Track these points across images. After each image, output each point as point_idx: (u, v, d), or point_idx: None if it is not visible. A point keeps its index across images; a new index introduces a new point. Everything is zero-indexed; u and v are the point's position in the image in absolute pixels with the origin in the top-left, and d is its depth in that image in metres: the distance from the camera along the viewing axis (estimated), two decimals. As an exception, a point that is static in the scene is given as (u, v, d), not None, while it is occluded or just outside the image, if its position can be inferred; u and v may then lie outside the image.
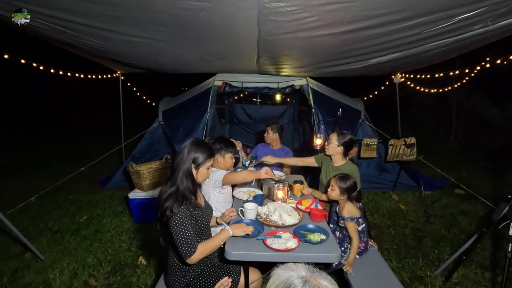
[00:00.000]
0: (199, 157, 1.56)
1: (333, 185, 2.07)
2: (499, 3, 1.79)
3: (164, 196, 1.49)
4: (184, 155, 1.54)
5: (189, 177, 1.53)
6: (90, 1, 1.82)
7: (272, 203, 2.06)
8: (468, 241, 2.18)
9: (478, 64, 3.90)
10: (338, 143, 2.36)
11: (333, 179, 2.10)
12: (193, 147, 1.56)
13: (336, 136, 2.38)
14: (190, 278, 1.58)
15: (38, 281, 2.37)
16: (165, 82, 12.36)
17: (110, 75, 4.56)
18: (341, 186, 2.03)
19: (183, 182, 1.51)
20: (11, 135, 8.54)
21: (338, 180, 2.06)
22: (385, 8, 1.82)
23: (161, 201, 1.49)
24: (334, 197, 2.08)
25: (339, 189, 2.04)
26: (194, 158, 1.55)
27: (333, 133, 2.43)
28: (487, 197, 3.47)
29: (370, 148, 3.81)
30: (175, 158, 1.57)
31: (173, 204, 1.44)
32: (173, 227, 1.42)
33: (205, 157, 1.57)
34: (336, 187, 2.05)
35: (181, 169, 1.52)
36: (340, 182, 2.04)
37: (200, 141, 1.63)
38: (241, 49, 2.82)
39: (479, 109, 6.60)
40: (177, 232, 1.42)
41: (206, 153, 1.58)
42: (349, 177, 2.07)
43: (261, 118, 6.23)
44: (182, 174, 1.51)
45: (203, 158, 1.57)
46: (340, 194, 2.04)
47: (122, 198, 3.92)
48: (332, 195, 2.08)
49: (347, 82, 5.35)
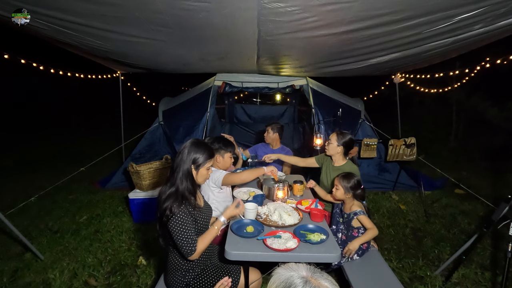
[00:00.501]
0: (199, 158, 1.55)
1: (337, 185, 2.07)
2: (499, 3, 1.79)
3: (163, 197, 1.48)
4: (184, 156, 1.53)
5: (188, 178, 1.52)
6: (90, 2, 1.82)
7: (272, 203, 2.06)
8: (468, 241, 2.18)
9: (478, 64, 3.90)
10: (337, 143, 2.37)
11: (337, 178, 2.09)
12: (193, 148, 1.55)
13: (335, 136, 2.38)
14: (190, 278, 1.58)
15: (38, 281, 2.37)
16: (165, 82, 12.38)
17: (110, 75, 4.56)
18: (345, 185, 2.03)
19: (182, 182, 1.50)
20: (11, 135, 8.54)
21: (342, 179, 2.05)
22: (385, 8, 1.82)
23: (160, 201, 1.49)
24: (339, 196, 2.07)
25: (344, 188, 2.03)
26: (194, 159, 1.54)
27: (333, 133, 2.43)
28: (487, 197, 3.47)
29: (370, 148, 3.81)
30: (175, 159, 1.56)
31: (172, 204, 1.43)
32: (173, 227, 1.42)
33: (205, 157, 1.57)
34: (340, 186, 2.05)
35: (180, 170, 1.51)
36: (344, 181, 2.04)
37: (200, 142, 1.62)
38: (241, 49, 2.82)
39: (479, 109, 6.59)
40: (177, 231, 1.42)
41: (206, 153, 1.57)
42: (352, 175, 2.07)
43: (261, 118, 6.23)
44: (182, 174, 1.51)
45: (203, 158, 1.56)
46: (345, 193, 2.04)
47: (122, 198, 3.92)
48: (337, 194, 2.08)
49: (347, 82, 5.35)
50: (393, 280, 1.81)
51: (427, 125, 8.02)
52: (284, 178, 2.49)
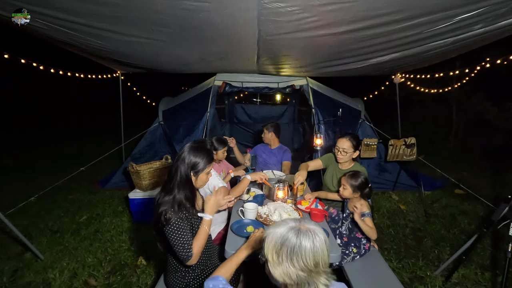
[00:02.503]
0: (198, 163, 1.49)
1: (345, 184, 2.05)
2: (499, 3, 1.79)
3: (159, 202, 1.44)
4: (182, 161, 1.48)
5: (187, 185, 1.48)
6: (90, 2, 1.82)
7: (272, 203, 2.06)
8: (468, 241, 2.18)
9: (478, 64, 3.90)
10: (353, 150, 2.33)
11: (343, 178, 2.08)
12: (191, 152, 1.49)
13: (349, 143, 2.32)
14: (190, 278, 1.58)
15: (38, 281, 2.37)
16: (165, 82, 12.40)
17: (110, 75, 4.56)
18: (353, 184, 2.01)
19: (180, 190, 1.45)
20: (11, 135, 8.54)
21: (349, 178, 2.04)
22: (385, 8, 1.82)
23: (156, 207, 1.44)
24: (347, 196, 2.06)
25: (351, 187, 2.02)
26: (193, 165, 1.49)
27: (343, 140, 2.35)
28: (487, 197, 3.47)
29: (370, 148, 3.81)
30: (173, 163, 1.51)
31: (168, 210, 1.39)
32: (170, 233, 1.38)
33: (205, 163, 1.51)
34: (347, 185, 2.03)
35: (179, 176, 1.46)
36: (351, 180, 2.02)
37: (199, 146, 1.54)
38: (241, 49, 2.82)
39: (479, 109, 6.60)
40: (174, 238, 1.38)
41: (205, 159, 1.52)
42: (359, 173, 2.05)
43: (261, 118, 6.23)
44: (180, 181, 1.46)
45: (203, 164, 1.51)
46: (353, 192, 2.02)
47: (122, 198, 3.92)
48: (345, 194, 2.06)
49: (347, 82, 5.36)
50: (393, 280, 1.81)
51: (427, 125, 8.03)
52: (284, 178, 2.49)
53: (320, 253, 0.86)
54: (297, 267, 0.84)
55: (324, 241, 0.88)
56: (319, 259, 0.85)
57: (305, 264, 0.84)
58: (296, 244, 0.85)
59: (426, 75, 4.45)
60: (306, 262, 0.84)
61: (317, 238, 0.87)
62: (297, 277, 0.85)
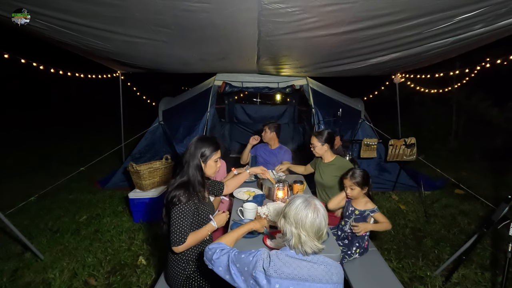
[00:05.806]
0: (205, 151, 1.66)
1: (351, 185, 2.03)
2: (500, 3, 1.79)
3: (175, 185, 1.57)
4: (191, 151, 1.65)
5: (198, 170, 1.64)
6: (90, 2, 1.81)
7: (272, 203, 2.06)
8: (468, 241, 2.19)
9: (478, 64, 3.90)
10: (321, 143, 2.48)
11: (346, 181, 2.07)
12: (199, 142, 1.68)
13: (316, 139, 2.50)
14: (190, 271, 1.61)
15: (38, 280, 2.37)
16: (165, 82, 12.39)
17: (110, 75, 4.56)
18: (357, 181, 2.01)
19: (193, 174, 1.62)
20: (11, 135, 8.54)
21: (351, 177, 2.03)
22: (385, 9, 1.82)
23: (170, 189, 1.57)
24: (357, 195, 2.05)
25: (357, 185, 2.01)
26: (202, 153, 1.65)
27: (312, 137, 2.54)
28: (487, 197, 3.47)
29: (370, 148, 3.81)
30: (184, 155, 1.68)
31: (182, 193, 1.52)
32: (174, 214, 1.50)
33: (211, 150, 1.67)
34: (354, 186, 2.02)
35: (190, 164, 1.63)
36: (353, 178, 2.02)
37: (206, 137, 1.75)
38: (241, 50, 2.82)
39: (479, 109, 6.60)
40: (175, 219, 1.50)
41: (212, 146, 1.68)
42: (353, 169, 2.07)
43: (261, 118, 6.23)
44: (192, 167, 1.62)
45: (209, 151, 1.67)
46: (362, 189, 2.02)
47: (122, 198, 3.92)
48: (354, 194, 2.05)
49: (347, 82, 5.35)
50: (393, 280, 1.82)
51: (427, 125, 8.03)
52: (284, 178, 2.49)
53: (317, 223, 1.13)
54: (300, 229, 1.13)
55: (323, 216, 1.14)
56: (314, 228, 1.12)
57: (305, 228, 1.12)
58: (303, 214, 1.12)
59: (426, 75, 4.45)
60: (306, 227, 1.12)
61: (319, 213, 1.14)
62: (298, 236, 1.13)
